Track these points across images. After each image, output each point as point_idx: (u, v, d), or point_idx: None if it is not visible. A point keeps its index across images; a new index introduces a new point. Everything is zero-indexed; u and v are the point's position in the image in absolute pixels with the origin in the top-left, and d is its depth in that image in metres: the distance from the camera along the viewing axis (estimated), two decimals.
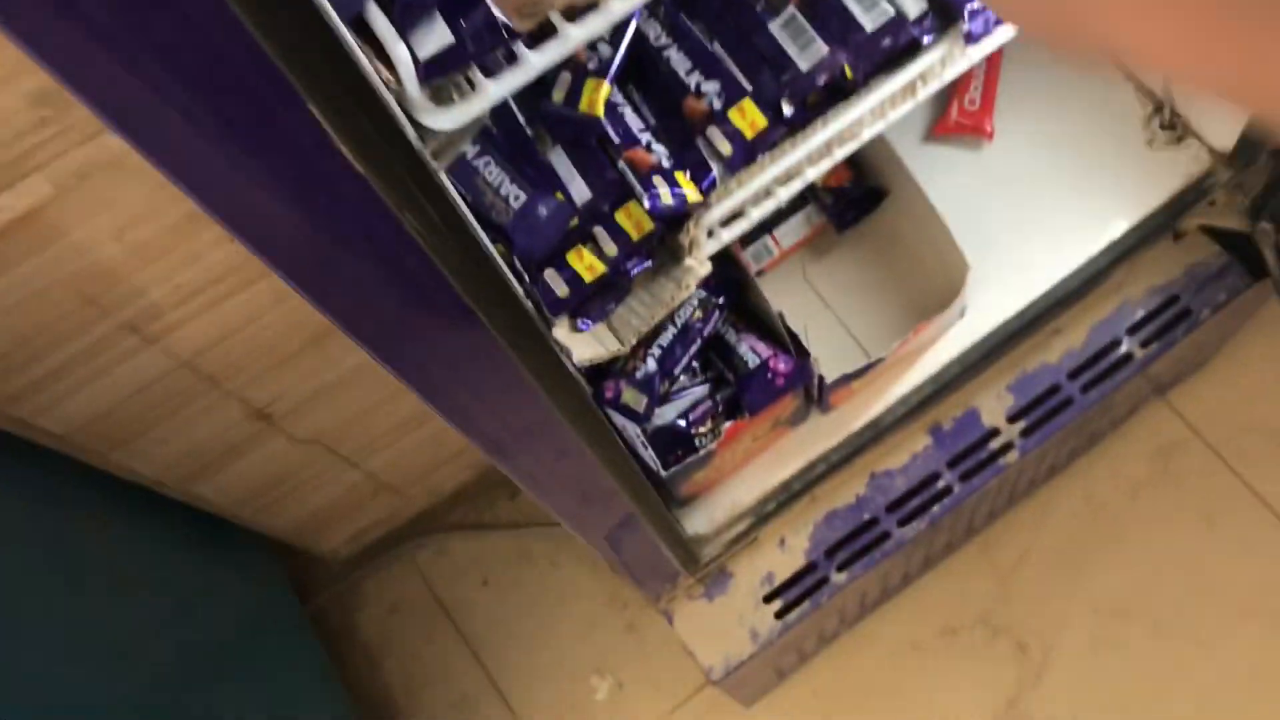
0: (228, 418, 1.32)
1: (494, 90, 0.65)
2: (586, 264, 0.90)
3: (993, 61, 1.27)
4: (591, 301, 0.93)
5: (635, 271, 0.93)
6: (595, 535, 1.09)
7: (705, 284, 1.11)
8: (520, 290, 0.90)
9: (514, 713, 1.76)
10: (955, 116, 1.26)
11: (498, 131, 0.91)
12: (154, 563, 1.42)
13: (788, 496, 1.18)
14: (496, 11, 0.64)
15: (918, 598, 1.72)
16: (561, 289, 0.90)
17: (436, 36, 0.63)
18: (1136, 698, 1.63)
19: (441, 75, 0.64)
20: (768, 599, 1.22)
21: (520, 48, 0.66)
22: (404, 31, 0.62)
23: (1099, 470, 1.75)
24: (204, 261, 1.08)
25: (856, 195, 1.21)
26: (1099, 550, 1.71)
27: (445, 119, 0.65)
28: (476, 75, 0.65)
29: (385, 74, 0.62)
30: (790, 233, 1.23)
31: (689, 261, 0.93)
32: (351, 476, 1.63)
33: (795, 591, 1.22)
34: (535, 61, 0.66)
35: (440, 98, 0.66)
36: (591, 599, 1.80)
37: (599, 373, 1.13)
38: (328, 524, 1.73)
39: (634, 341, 0.92)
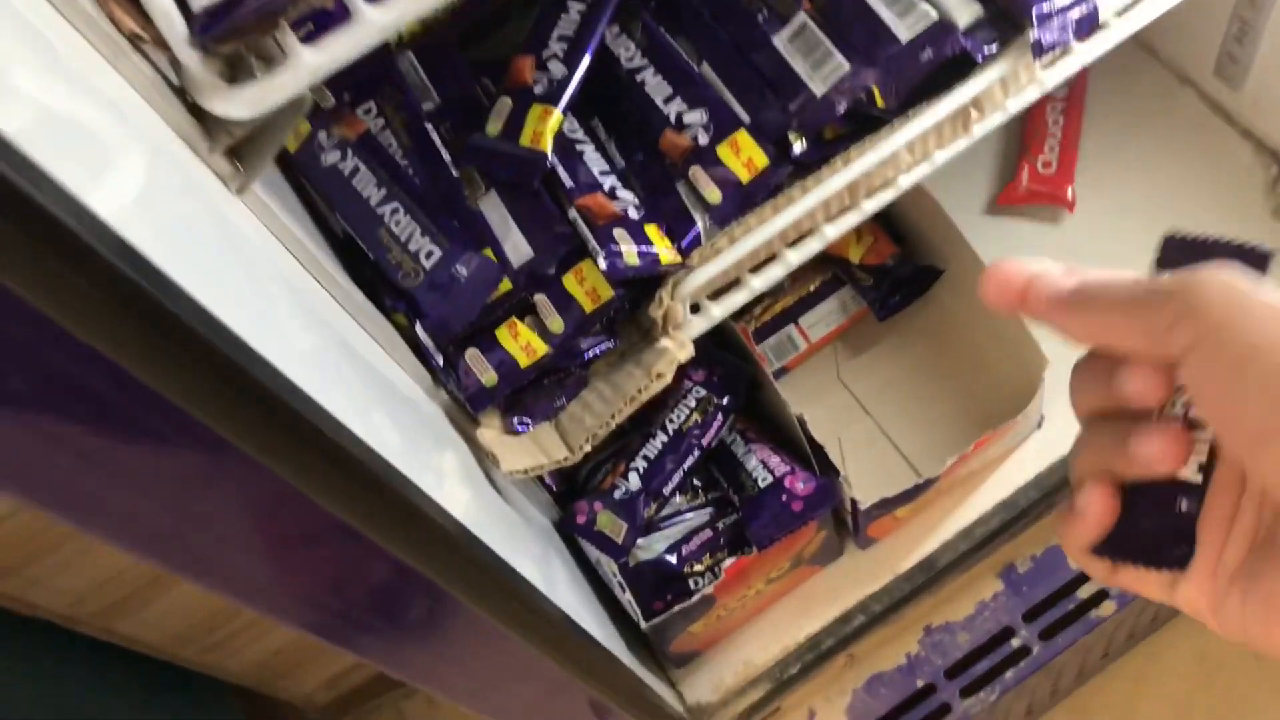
0: None
1: (312, 59, 0.44)
2: (523, 343, 0.68)
3: (1071, 115, 1.03)
4: (531, 394, 0.71)
5: (591, 355, 0.70)
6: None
7: (708, 380, 0.88)
8: (428, 376, 0.67)
9: None
10: (1026, 183, 1.02)
11: (413, 170, 0.70)
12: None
13: (817, 656, 0.92)
14: None
15: None
16: (488, 375, 0.67)
17: None
18: None
19: (229, 34, 0.43)
20: None
21: (355, 1, 0.44)
22: None
23: None
24: None
25: (903, 275, 0.97)
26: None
27: (239, 104, 0.43)
28: (287, 38, 0.44)
29: (132, 26, 0.41)
30: (820, 322, 1.00)
31: (664, 343, 0.70)
32: None
33: None
34: (376, 19, 0.44)
35: (235, 71, 0.44)
36: None
37: (571, 490, 0.89)
38: (296, 666, 1.49)
39: (586, 448, 0.69)
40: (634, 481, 0.85)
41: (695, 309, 0.72)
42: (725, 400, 0.87)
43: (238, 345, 0.37)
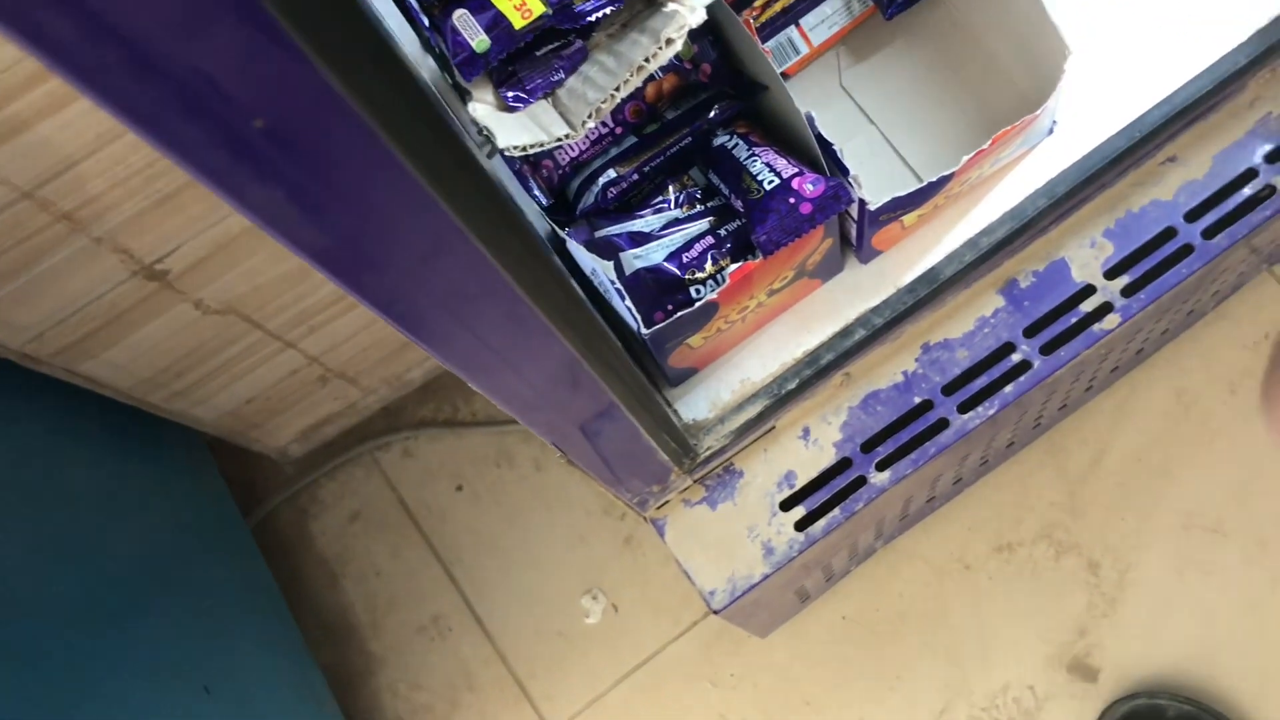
0: (105, 274, 1.04)
1: None
2: (517, 0, 0.61)
3: None
4: (526, 65, 0.64)
5: (594, 17, 0.64)
6: (560, 427, 0.80)
7: (714, 77, 0.82)
8: (416, 37, 0.61)
9: (490, 638, 1.50)
10: None
11: None
12: (44, 467, 1.16)
13: (814, 373, 0.90)
14: None
15: (969, 508, 1.44)
16: (479, 39, 0.61)
17: None
18: (1230, 630, 1.35)
19: None
20: (786, 505, 0.95)
21: None
22: None
23: (1192, 360, 1.45)
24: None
25: None
26: (1189, 454, 1.42)
27: None
28: None
29: None
30: (823, 23, 0.93)
31: (673, 6, 0.63)
32: (289, 360, 1.35)
33: (822, 495, 0.94)
34: None
35: None
36: (582, 508, 1.53)
37: (562, 204, 0.84)
38: (269, 417, 1.46)
39: (590, 124, 0.63)
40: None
41: None
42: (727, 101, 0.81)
43: None
